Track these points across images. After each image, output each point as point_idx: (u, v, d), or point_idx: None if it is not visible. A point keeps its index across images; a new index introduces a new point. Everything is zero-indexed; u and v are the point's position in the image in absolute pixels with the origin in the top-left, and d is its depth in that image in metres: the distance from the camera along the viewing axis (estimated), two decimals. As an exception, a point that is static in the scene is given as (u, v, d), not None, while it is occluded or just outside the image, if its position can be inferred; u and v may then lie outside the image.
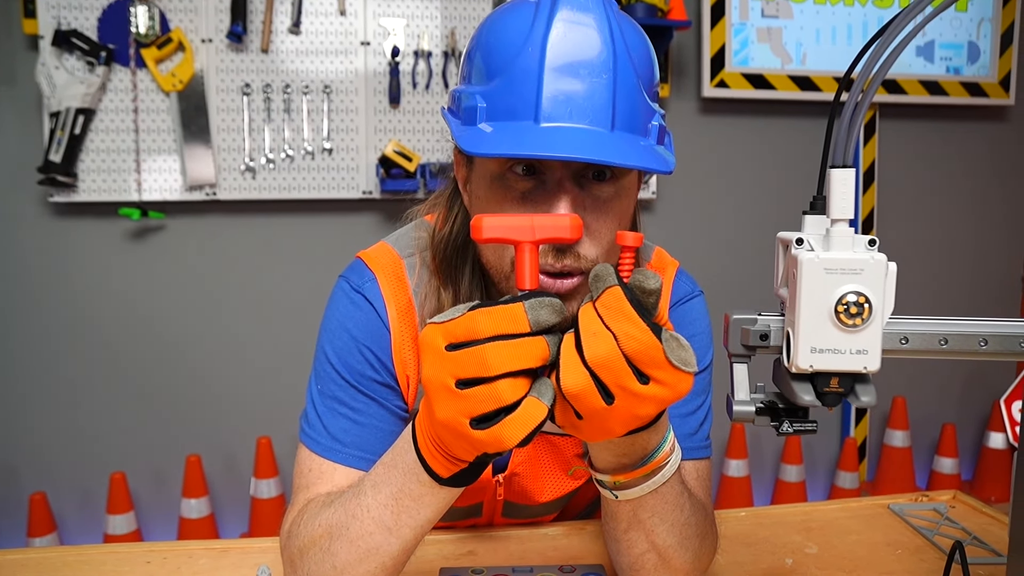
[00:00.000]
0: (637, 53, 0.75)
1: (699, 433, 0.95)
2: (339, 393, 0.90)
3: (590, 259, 0.76)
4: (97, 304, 2.45)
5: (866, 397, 0.57)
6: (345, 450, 0.88)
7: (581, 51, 0.72)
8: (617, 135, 0.72)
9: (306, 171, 2.46)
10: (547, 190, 0.76)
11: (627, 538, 0.77)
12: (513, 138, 0.71)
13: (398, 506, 0.70)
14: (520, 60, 0.73)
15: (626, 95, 0.73)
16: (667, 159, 0.76)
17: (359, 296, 0.92)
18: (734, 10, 2.66)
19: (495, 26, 0.78)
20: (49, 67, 2.25)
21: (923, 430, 3.01)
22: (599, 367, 0.56)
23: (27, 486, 2.41)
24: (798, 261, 0.56)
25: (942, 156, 2.97)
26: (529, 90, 0.71)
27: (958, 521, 1.12)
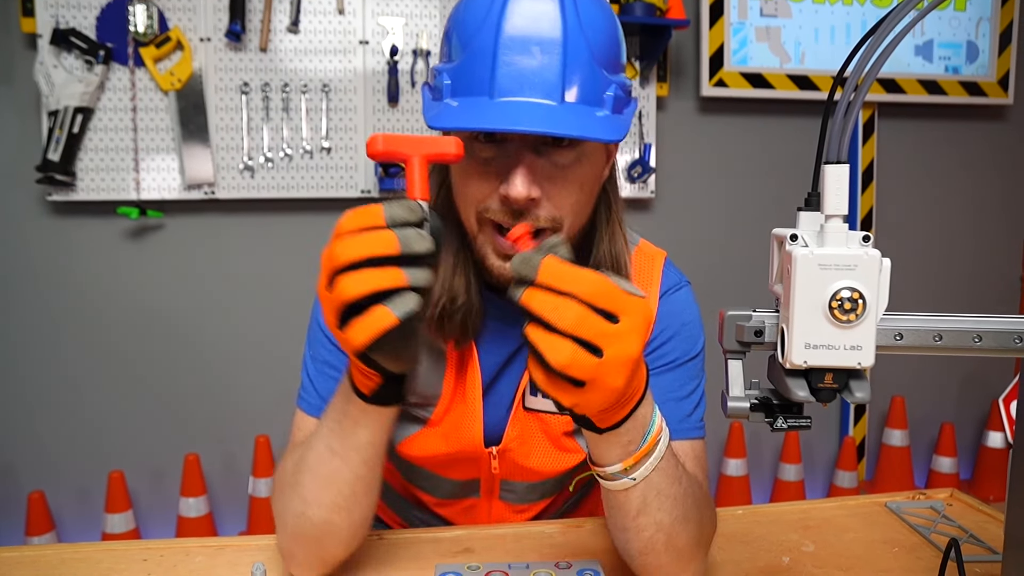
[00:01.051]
0: (592, 28, 0.80)
1: (694, 415, 0.98)
2: (328, 357, 0.97)
3: (546, 219, 0.83)
4: (95, 303, 2.45)
5: (860, 393, 0.57)
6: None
7: (533, 28, 0.78)
8: (567, 107, 0.78)
9: (304, 170, 2.46)
10: (507, 157, 0.82)
11: (635, 524, 0.78)
12: (467, 113, 0.79)
13: (340, 428, 0.79)
14: (478, 38, 0.79)
15: (577, 69, 0.79)
16: (615, 128, 0.81)
17: None
18: (733, 9, 2.67)
19: (462, 7, 0.84)
20: (47, 66, 2.25)
21: (922, 429, 3.01)
22: (578, 328, 0.59)
23: (25, 485, 2.41)
24: (792, 257, 0.56)
25: (941, 155, 2.97)
26: (485, 67, 0.78)
27: (955, 519, 1.12)
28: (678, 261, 1.07)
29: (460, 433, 1.01)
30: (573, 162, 0.83)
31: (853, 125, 0.55)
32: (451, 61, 0.83)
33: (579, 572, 0.87)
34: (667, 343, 0.99)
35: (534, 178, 0.81)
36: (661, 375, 0.97)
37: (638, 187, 2.67)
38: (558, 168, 0.83)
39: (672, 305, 1.00)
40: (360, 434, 0.78)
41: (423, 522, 1.15)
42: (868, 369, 0.58)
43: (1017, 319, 0.60)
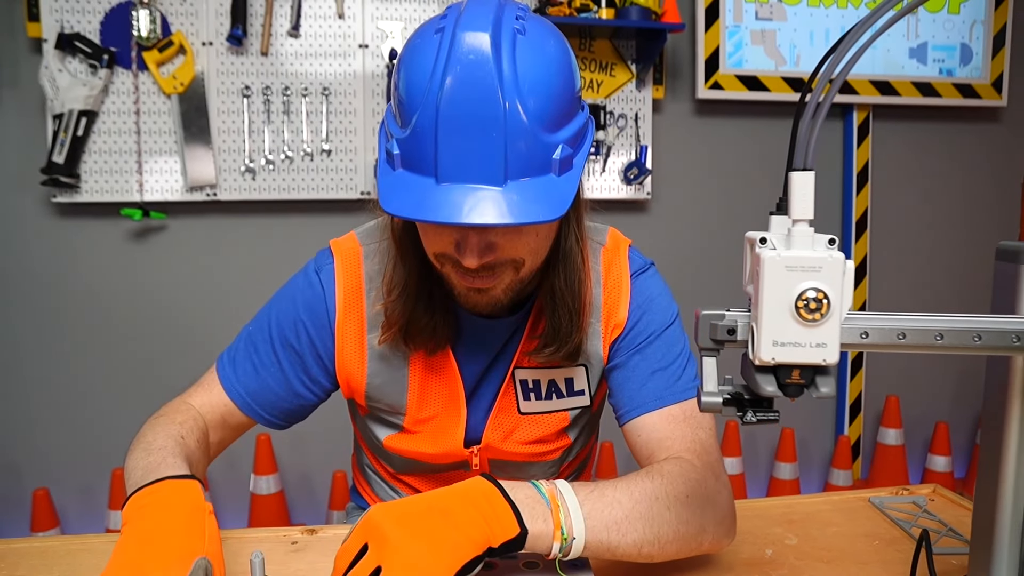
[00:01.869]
0: (534, 90, 0.79)
1: (682, 379, 1.02)
2: (260, 344, 1.06)
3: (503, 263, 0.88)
4: (99, 303, 2.49)
5: (826, 388, 0.61)
6: (236, 385, 1.06)
7: (470, 107, 0.77)
8: (509, 188, 0.79)
9: (305, 172, 2.50)
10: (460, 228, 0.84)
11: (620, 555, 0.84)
12: (415, 200, 0.80)
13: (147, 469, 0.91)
14: (422, 115, 0.79)
15: (517, 145, 0.79)
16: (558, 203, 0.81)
17: (316, 278, 1.05)
18: (728, 12, 2.69)
19: (408, 60, 0.83)
20: (52, 70, 2.29)
21: (916, 428, 3.03)
22: None
23: (30, 482, 2.45)
24: (761, 259, 0.59)
25: (935, 157, 3.00)
26: (428, 147, 0.79)
27: (936, 514, 1.14)
28: (674, 261, 1.13)
29: (444, 435, 1.05)
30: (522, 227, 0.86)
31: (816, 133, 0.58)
32: (403, 126, 0.82)
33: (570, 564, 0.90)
34: (641, 320, 1.04)
35: (486, 247, 0.85)
36: (642, 350, 1.03)
37: (634, 188, 2.70)
38: (509, 232, 0.86)
39: (640, 285, 1.06)
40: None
41: None
42: (834, 365, 0.61)
43: (977, 318, 0.63)
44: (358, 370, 1.04)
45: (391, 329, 0.98)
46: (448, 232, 0.86)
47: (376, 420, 1.11)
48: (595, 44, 2.63)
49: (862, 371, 2.96)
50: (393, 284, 0.98)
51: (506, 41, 0.78)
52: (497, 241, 0.86)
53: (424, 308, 0.97)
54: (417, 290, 0.97)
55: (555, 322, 0.98)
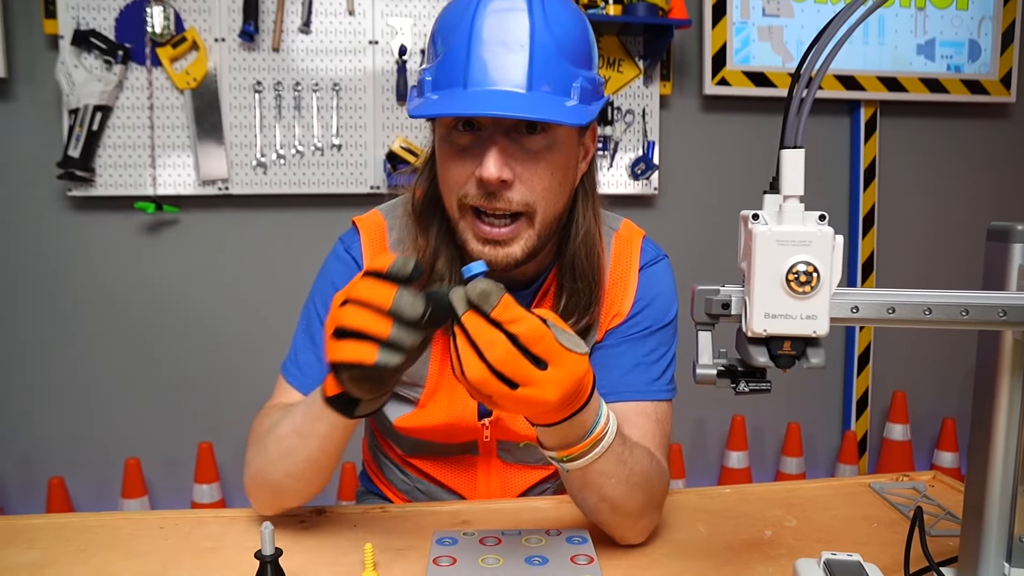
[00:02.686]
0: (559, 25, 0.87)
1: (662, 379, 1.05)
2: (315, 334, 1.07)
3: (519, 203, 0.90)
4: (113, 295, 2.53)
5: (816, 359, 0.63)
6: (305, 380, 1.04)
7: (503, 28, 0.85)
8: (534, 94, 0.85)
9: (316, 166, 2.53)
10: (482, 143, 0.88)
11: (581, 495, 0.88)
12: (442, 102, 0.86)
13: (307, 414, 0.88)
14: (454, 37, 0.86)
15: (544, 62, 0.86)
16: (580, 114, 0.87)
17: (347, 255, 1.08)
18: (735, 8, 2.71)
19: (443, 13, 0.92)
20: (68, 66, 2.33)
21: (924, 424, 3.04)
22: (502, 366, 0.66)
23: (46, 471, 2.49)
24: (753, 234, 0.61)
25: (943, 153, 3.00)
26: (459, 62, 0.85)
27: (935, 499, 1.16)
28: (680, 256, 1.15)
29: (454, 408, 1.08)
30: (544, 148, 0.90)
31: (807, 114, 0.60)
32: (432, 62, 0.90)
33: (568, 538, 0.92)
34: (640, 312, 1.06)
35: (506, 161, 0.88)
36: (635, 342, 1.05)
37: (642, 184, 2.72)
38: (530, 153, 0.89)
39: (648, 278, 1.08)
40: (320, 426, 0.86)
41: (425, 495, 1.20)
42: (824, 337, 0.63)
43: (964, 293, 0.65)
44: None
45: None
46: (471, 159, 0.89)
47: (391, 398, 1.13)
48: (602, 40, 2.65)
49: (869, 366, 2.96)
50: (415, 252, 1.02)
51: None
52: (516, 165, 0.89)
53: (439, 277, 1.00)
54: (434, 260, 1.00)
55: (575, 296, 1.01)
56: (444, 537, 0.93)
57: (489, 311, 0.66)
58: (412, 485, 1.21)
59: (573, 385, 0.69)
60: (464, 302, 0.68)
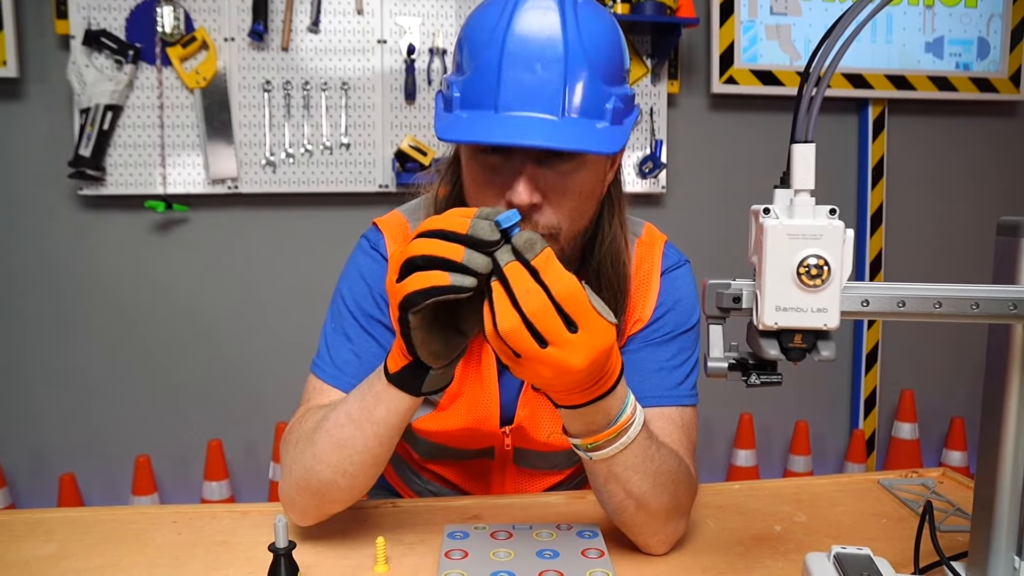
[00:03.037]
0: (593, 43, 0.84)
1: (685, 383, 1.03)
2: (348, 330, 1.03)
3: (545, 225, 0.89)
4: (123, 293, 2.55)
5: (827, 352, 0.63)
6: (343, 377, 1.00)
7: (535, 45, 0.82)
8: (567, 121, 0.83)
9: (324, 165, 2.54)
10: (511, 166, 0.87)
11: (606, 489, 0.86)
12: (473, 126, 0.84)
13: (363, 401, 0.84)
14: (485, 53, 0.84)
15: (577, 84, 0.83)
16: (613, 140, 0.86)
17: (375, 252, 1.06)
18: (743, 7, 2.71)
19: (473, 20, 0.89)
20: (80, 65, 2.34)
21: (932, 423, 3.03)
22: (535, 316, 0.65)
23: (57, 467, 2.51)
24: (764, 228, 0.62)
25: (951, 152, 3.00)
26: (490, 81, 0.83)
27: (944, 495, 1.16)
28: (689, 255, 1.15)
29: (477, 413, 1.07)
30: (573, 170, 0.88)
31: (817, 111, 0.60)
32: (462, 73, 0.88)
33: (579, 533, 0.93)
34: (662, 317, 1.05)
35: (536, 186, 0.86)
36: (656, 346, 1.04)
37: (649, 182, 2.72)
38: (559, 176, 0.88)
39: (669, 283, 1.07)
40: (378, 410, 0.82)
41: (436, 495, 1.21)
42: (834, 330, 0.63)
43: (974, 287, 0.66)
44: None
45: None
46: (500, 176, 0.88)
47: None
48: (610, 39, 2.65)
49: (877, 365, 2.96)
50: None
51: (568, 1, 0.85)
52: (545, 185, 0.87)
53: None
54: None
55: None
56: (455, 531, 0.94)
57: (531, 258, 0.66)
58: (424, 487, 1.22)
59: (601, 354, 0.69)
60: (508, 253, 0.68)
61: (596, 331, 0.67)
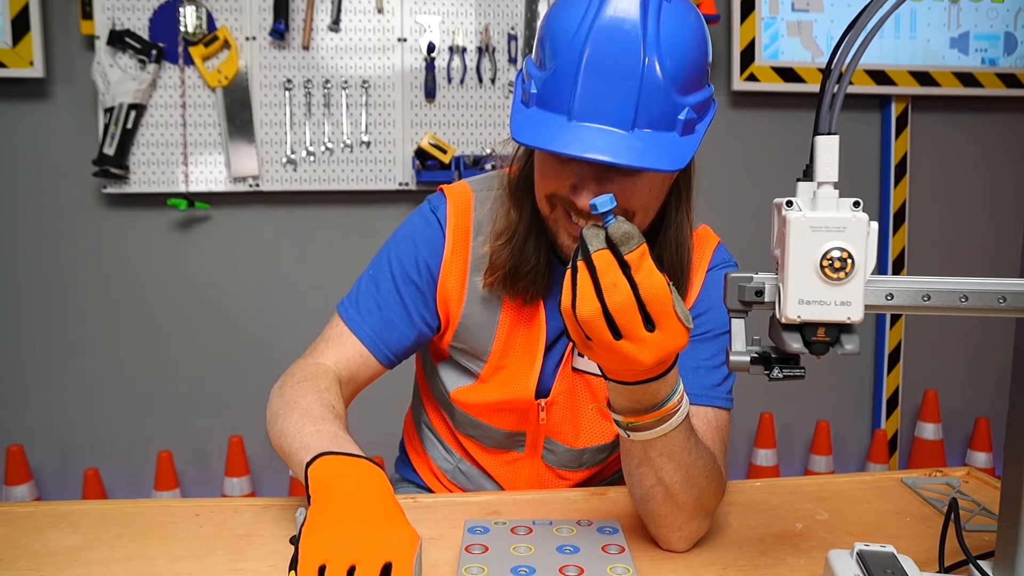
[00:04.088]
0: (673, 52, 0.85)
1: (723, 385, 1.04)
2: (382, 283, 1.07)
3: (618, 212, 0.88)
4: (146, 290, 2.57)
5: (850, 345, 0.62)
6: (362, 325, 1.06)
7: (614, 57, 0.84)
8: (635, 135, 0.84)
9: (345, 163, 2.55)
10: (580, 166, 0.89)
11: (638, 472, 0.86)
12: (546, 132, 0.86)
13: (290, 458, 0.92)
14: (567, 55, 0.85)
15: (649, 98, 0.84)
16: (678, 156, 0.86)
17: (433, 216, 1.09)
18: (764, 4, 2.69)
19: (555, 13, 0.89)
20: (104, 65, 2.37)
21: (956, 423, 2.99)
22: (617, 312, 0.67)
23: (81, 462, 2.54)
24: (787, 220, 0.61)
25: (977, 149, 2.95)
26: (567, 89, 0.85)
27: (969, 494, 1.14)
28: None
29: (515, 383, 1.09)
30: (640, 176, 0.91)
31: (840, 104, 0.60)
32: (543, 68, 0.89)
33: (599, 529, 0.93)
34: (704, 314, 1.06)
35: (602, 188, 0.88)
36: (696, 344, 1.04)
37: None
38: (627, 175, 0.90)
39: (714, 280, 1.09)
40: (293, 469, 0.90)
41: (466, 476, 1.22)
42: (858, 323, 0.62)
43: (1002, 281, 0.65)
44: (456, 308, 1.09)
45: (495, 274, 1.03)
46: (568, 172, 0.90)
47: (452, 367, 1.15)
48: (630, 36, 2.64)
49: (900, 364, 2.92)
50: (503, 231, 1.03)
51: (653, 4, 0.84)
52: (613, 187, 0.89)
53: (528, 257, 1.02)
54: (525, 239, 1.02)
55: None
56: (476, 526, 0.94)
57: (625, 252, 0.67)
58: (455, 465, 1.22)
59: (670, 354, 0.71)
60: (599, 239, 0.69)
61: (673, 334, 0.69)
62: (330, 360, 1.06)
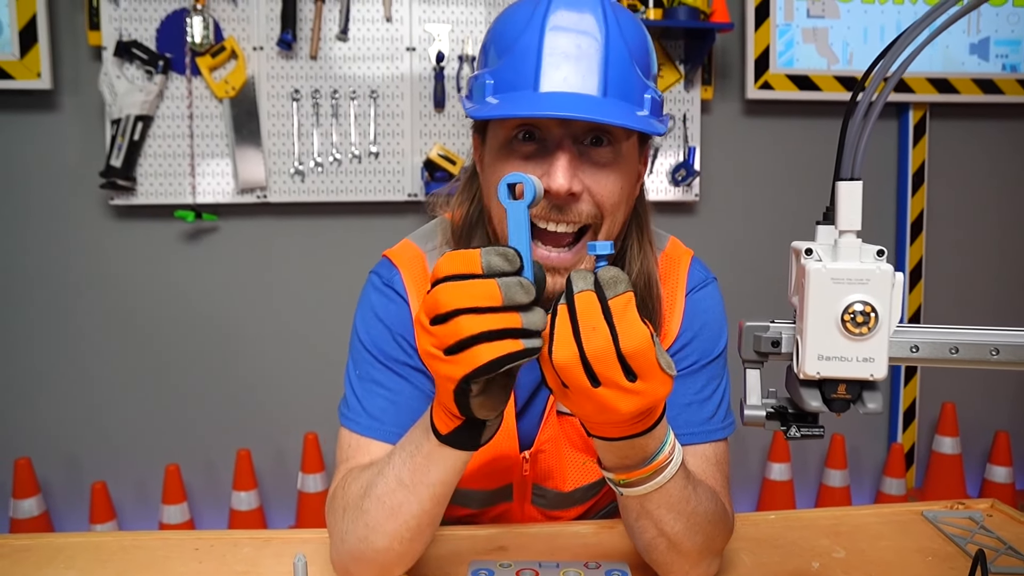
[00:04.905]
0: (631, 35, 0.84)
1: (716, 416, 0.99)
2: (376, 375, 0.97)
3: (588, 214, 0.85)
4: (154, 302, 2.56)
5: (873, 404, 0.59)
6: (383, 427, 0.95)
7: (575, 29, 0.81)
8: (609, 100, 0.81)
9: (353, 174, 2.53)
10: (547, 151, 0.84)
11: (638, 525, 0.82)
12: (512, 102, 0.82)
13: (413, 463, 0.78)
14: (522, 39, 0.82)
15: (618, 67, 0.82)
16: (656, 125, 0.84)
17: (389, 289, 1.00)
18: (779, 11, 2.64)
19: (503, 17, 0.88)
20: (111, 76, 2.36)
21: (974, 437, 2.93)
22: (595, 359, 0.62)
23: (90, 475, 2.53)
24: (806, 271, 0.58)
25: (997, 157, 2.90)
26: (529, 64, 0.81)
27: (994, 530, 1.10)
28: (722, 265, 1.09)
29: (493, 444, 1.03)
30: (611, 161, 0.86)
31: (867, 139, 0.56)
32: (489, 67, 0.86)
33: (607, 572, 0.90)
34: (688, 345, 1.00)
35: (575, 171, 0.83)
36: (683, 379, 0.99)
37: (682, 190, 2.67)
38: (597, 165, 0.85)
39: (695, 305, 1.01)
40: (432, 472, 0.77)
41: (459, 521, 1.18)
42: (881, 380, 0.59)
43: (1035, 332, 0.61)
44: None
45: None
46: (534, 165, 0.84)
47: None
48: (642, 44, 2.60)
49: (916, 377, 2.87)
50: None
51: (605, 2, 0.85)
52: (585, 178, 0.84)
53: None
54: None
55: None
56: (480, 568, 0.91)
57: (609, 296, 0.62)
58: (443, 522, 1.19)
59: (653, 405, 0.66)
60: (586, 281, 0.64)
61: (655, 385, 0.64)
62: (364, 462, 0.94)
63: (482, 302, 0.62)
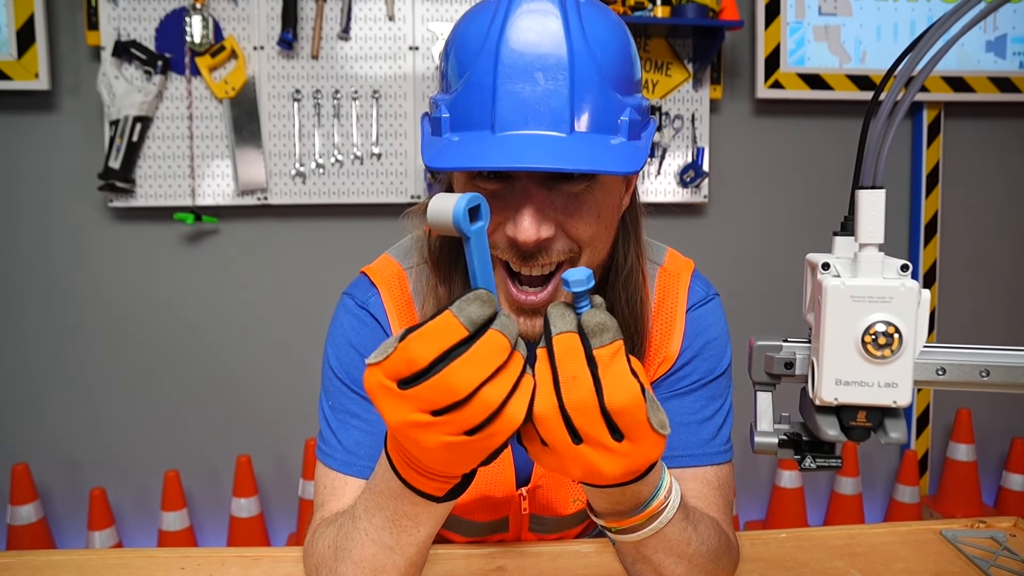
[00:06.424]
0: (601, 47, 0.73)
1: (717, 438, 0.93)
2: (351, 406, 0.92)
3: (563, 251, 0.77)
4: (153, 306, 2.52)
5: (895, 433, 0.54)
6: (360, 462, 0.89)
7: (535, 51, 0.70)
8: (576, 138, 0.71)
9: (355, 176, 2.49)
10: (514, 194, 0.75)
11: (635, 569, 0.78)
12: (467, 150, 0.71)
13: (396, 527, 0.70)
14: (477, 66, 0.72)
15: (587, 93, 0.71)
16: (631, 158, 0.73)
17: (363, 312, 0.94)
18: (790, 8, 2.59)
19: (459, 27, 0.78)
20: (109, 77, 2.32)
21: (990, 444, 2.87)
22: (575, 412, 0.55)
23: (88, 481, 2.50)
24: (823, 287, 0.53)
25: (1014, 157, 2.83)
26: (485, 98, 0.71)
27: (1018, 552, 1.05)
28: (731, 267, 1.04)
29: (490, 478, 0.98)
30: (585, 191, 0.76)
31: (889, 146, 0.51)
32: (449, 91, 0.76)
33: (609, 598, 0.85)
34: (689, 364, 0.94)
35: (544, 216, 0.74)
36: (682, 397, 0.94)
37: (691, 191, 2.61)
38: (571, 199, 0.76)
39: (696, 322, 0.95)
40: (423, 530, 0.70)
41: None
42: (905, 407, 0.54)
43: (1073, 354, 0.56)
44: None
45: None
46: (501, 205, 0.75)
47: None
48: (650, 43, 2.55)
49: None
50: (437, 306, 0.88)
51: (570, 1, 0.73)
52: (557, 215, 0.75)
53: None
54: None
55: None
56: (475, 593, 0.86)
57: (595, 346, 0.55)
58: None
59: (642, 467, 0.59)
60: (566, 320, 0.56)
61: (645, 447, 0.57)
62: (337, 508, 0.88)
63: (498, 361, 0.53)
